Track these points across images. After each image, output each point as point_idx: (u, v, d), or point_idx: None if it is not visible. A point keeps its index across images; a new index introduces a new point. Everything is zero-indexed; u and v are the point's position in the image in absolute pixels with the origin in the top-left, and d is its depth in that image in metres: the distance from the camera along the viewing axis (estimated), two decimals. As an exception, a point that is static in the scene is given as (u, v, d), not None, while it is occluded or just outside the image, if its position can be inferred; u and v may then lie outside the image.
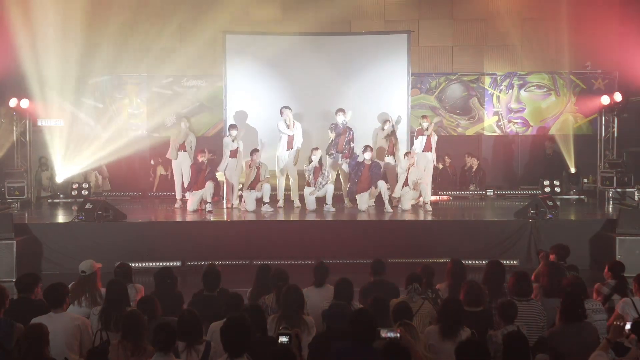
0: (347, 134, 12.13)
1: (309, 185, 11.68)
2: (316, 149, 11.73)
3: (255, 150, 11.70)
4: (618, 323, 4.51)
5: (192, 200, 11.56)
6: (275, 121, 12.16)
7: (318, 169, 11.61)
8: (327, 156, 12.15)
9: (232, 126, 12.16)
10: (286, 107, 12.07)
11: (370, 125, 13.08)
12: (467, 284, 5.59)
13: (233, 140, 11.87)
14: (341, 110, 12.15)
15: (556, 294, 5.93)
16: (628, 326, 4.38)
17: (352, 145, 12.17)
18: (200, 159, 11.59)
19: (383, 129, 12.44)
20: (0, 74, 12.97)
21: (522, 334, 4.31)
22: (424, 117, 12.61)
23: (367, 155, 11.56)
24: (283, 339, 4.12)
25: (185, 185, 11.87)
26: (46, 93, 13.79)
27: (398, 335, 4.04)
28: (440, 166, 14.12)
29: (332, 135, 12.13)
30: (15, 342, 4.84)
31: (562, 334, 4.96)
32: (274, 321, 5.12)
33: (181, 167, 12.14)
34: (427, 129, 12.21)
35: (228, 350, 4.11)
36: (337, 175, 12.40)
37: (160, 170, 14.44)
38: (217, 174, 11.99)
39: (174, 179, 12.47)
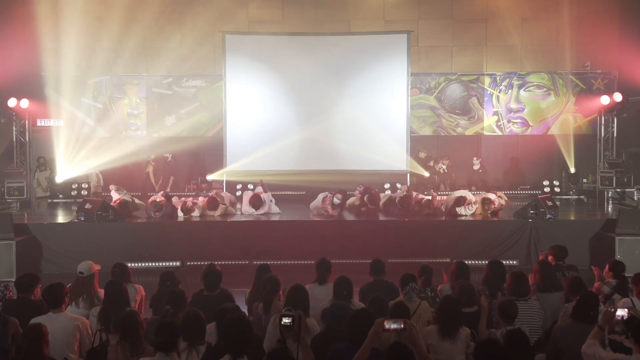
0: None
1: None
2: (337, 194, 11.20)
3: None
4: (609, 309, 4.48)
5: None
6: (275, 121, 12.06)
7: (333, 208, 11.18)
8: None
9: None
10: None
11: (369, 126, 13.05)
12: (458, 284, 5.62)
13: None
14: None
15: (550, 287, 6.06)
16: (619, 312, 4.34)
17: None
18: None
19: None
20: (1, 74, 12.97)
21: (523, 332, 4.28)
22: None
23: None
24: (286, 321, 4.09)
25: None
26: (46, 93, 13.79)
27: (402, 326, 3.96)
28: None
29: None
30: (11, 339, 4.83)
31: (569, 330, 4.93)
32: (275, 321, 5.08)
33: None
34: None
35: (229, 351, 4.11)
36: None
37: (149, 169, 14.28)
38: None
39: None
